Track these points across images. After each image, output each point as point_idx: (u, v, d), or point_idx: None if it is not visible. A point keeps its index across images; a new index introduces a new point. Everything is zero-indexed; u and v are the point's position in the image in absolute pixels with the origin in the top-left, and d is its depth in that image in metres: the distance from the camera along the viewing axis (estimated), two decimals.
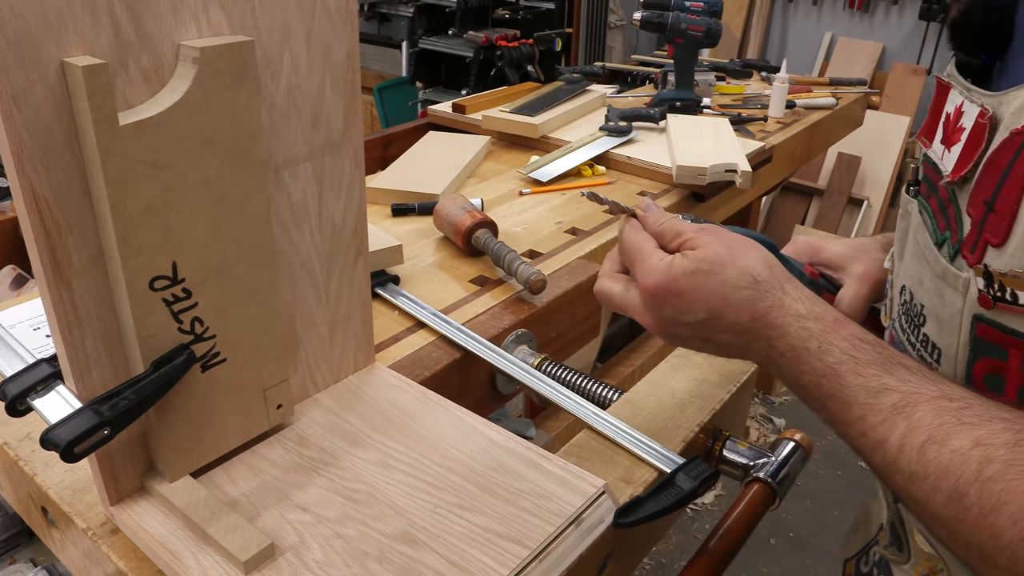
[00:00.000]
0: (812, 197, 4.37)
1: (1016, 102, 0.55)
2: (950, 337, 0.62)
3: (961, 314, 0.60)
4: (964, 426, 0.53)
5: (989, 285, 0.56)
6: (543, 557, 0.68)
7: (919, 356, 0.68)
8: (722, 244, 0.68)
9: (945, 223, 0.62)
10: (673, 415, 0.91)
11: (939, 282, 0.63)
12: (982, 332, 0.59)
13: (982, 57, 0.63)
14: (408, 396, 0.87)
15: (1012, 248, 0.54)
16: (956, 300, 0.60)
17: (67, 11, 0.55)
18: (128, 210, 0.60)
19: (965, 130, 0.60)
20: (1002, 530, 0.49)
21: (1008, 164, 0.54)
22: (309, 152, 0.76)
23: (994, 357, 0.58)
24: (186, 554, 0.67)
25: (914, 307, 0.68)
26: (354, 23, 0.75)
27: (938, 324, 0.64)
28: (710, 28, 2.01)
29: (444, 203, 1.32)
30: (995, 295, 0.56)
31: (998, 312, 0.57)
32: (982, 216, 0.57)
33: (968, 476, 0.51)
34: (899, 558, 0.79)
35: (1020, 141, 0.54)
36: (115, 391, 0.64)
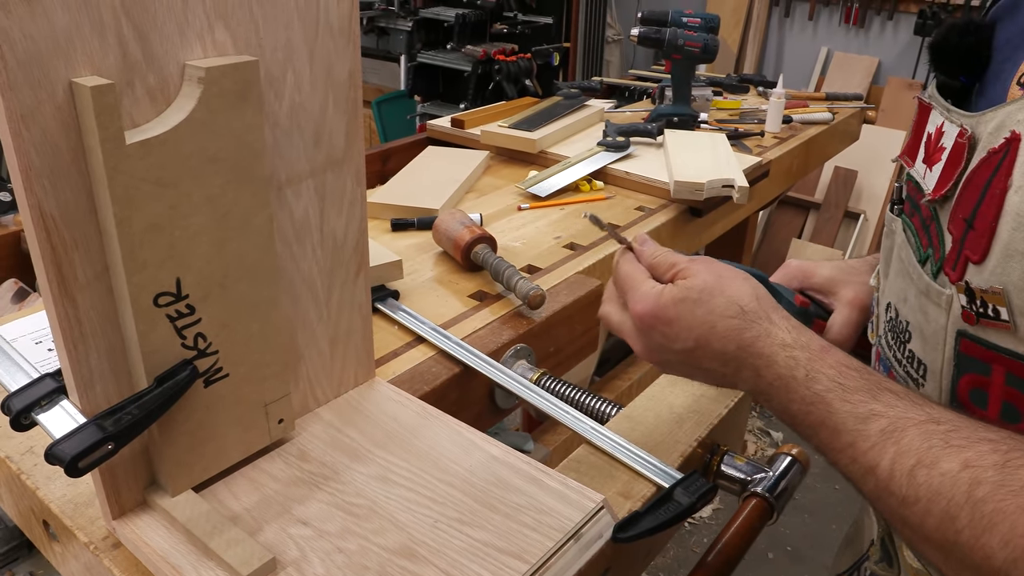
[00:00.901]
0: (809, 211, 4.38)
1: (993, 122, 0.57)
2: (935, 353, 0.63)
3: (945, 330, 0.61)
4: (952, 448, 0.53)
5: (971, 301, 0.57)
6: (543, 572, 0.68)
7: (905, 372, 0.69)
8: (712, 274, 0.70)
9: (928, 241, 0.63)
10: (671, 430, 0.92)
11: (923, 299, 0.64)
12: (966, 348, 0.60)
13: (961, 79, 0.65)
14: (408, 411, 0.88)
15: (991, 265, 0.55)
16: (940, 316, 0.61)
17: (76, 32, 0.56)
18: (133, 227, 0.61)
19: (946, 149, 0.61)
20: (994, 551, 0.49)
21: (986, 183, 0.56)
22: (311, 170, 0.77)
23: (978, 372, 0.59)
24: (188, 568, 0.68)
25: (899, 324, 0.69)
26: (356, 42, 0.76)
27: (923, 340, 0.65)
28: (707, 44, 2.02)
29: (443, 218, 1.33)
30: (978, 311, 0.57)
31: (981, 328, 0.58)
32: (962, 233, 0.58)
33: (959, 498, 0.51)
34: (889, 573, 0.80)
35: (997, 160, 0.55)
36: (119, 406, 0.64)
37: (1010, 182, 0.54)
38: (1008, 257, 0.54)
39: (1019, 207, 0.53)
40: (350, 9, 0.74)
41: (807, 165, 2.32)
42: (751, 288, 0.69)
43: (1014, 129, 0.54)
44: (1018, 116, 0.55)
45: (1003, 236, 0.54)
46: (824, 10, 4.80)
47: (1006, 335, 0.56)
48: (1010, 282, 0.54)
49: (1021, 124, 0.54)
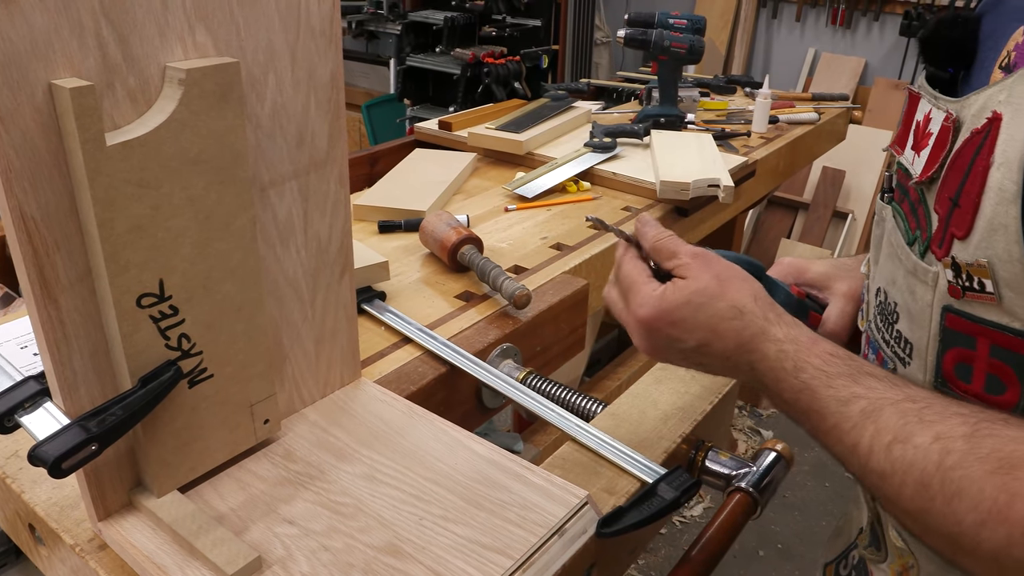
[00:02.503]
0: (798, 211, 4.40)
1: (976, 104, 0.59)
2: (921, 331, 0.66)
3: (931, 307, 0.64)
4: (925, 424, 0.57)
5: (957, 276, 0.60)
6: (527, 567, 0.69)
7: (892, 353, 0.71)
8: (713, 276, 0.73)
9: (916, 223, 0.66)
10: (656, 426, 0.92)
11: (911, 278, 0.66)
12: (951, 323, 0.62)
13: (949, 70, 0.67)
14: (394, 410, 0.88)
15: (976, 239, 0.57)
16: (926, 294, 0.64)
17: (55, 34, 0.56)
18: (115, 229, 0.61)
19: (933, 135, 0.64)
20: (963, 515, 0.52)
21: (970, 161, 0.58)
22: (294, 171, 0.77)
23: (963, 346, 0.62)
24: (174, 568, 0.68)
25: (888, 306, 0.71)
26: (338, 44, 0.77)
27: (910, 319, 0.67)
28: (693, 45, 2.03)
29: (430, 220, 1.33)
30: (964, 285, 0.59)
31: (966, 302, 0.60)
32: (948, 212, 0.61)
33: (930, 468, 0.55)
34: (877, 557, 0.82)
35: (979, 140, 0.58)
36: (103, 407, 0.64)
37: (992, 159, 0.56)
38: (992, 231, 0.56)
39: (1001, 182, 0.56)
40: (331, 11, 0.75)
41: (794, 165, 2.33)
42: (750, 289, 0.72)
43: (995, 109, 0.57)
44: (999, 97, 0.57)
45: (987, 211, 0.57)
46: (811, 11, 4.82)
47: (991, 307, 0.58)
48: (994, 255, 0.56)
49: (1001, 104, 0.56)
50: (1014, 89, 0.56)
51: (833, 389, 0.63)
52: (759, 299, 0.72)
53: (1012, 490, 0.51)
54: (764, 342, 0.69)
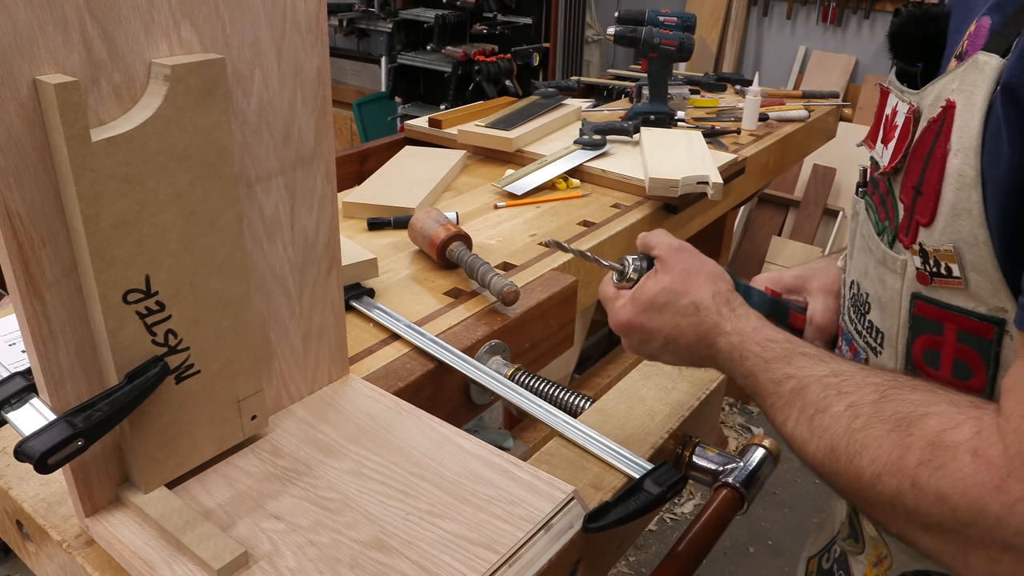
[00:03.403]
0: (788, 208, 4.41)
1: (932, 94, 0.61)
2: (891, 319, 0.68)
3: (900, 295, 0.66)
4: (843, 395, 0.62)
5: (925, 262, 0.62)
6: (513, 562, 0.69)
7: (864, 343, 0.73)
8: (680, 272, 0.80)
9: (884, 214, 0.68)
10: (643, 422, 0.93)
11: (880, 268, 0.68)
12: (920, 310, 0.64)
13: (918, 64, 0.69)
14: (382, 407, 0.88)
15: (941, 225, 0.59)
16: (895, 282, 0.66)
17: (39, 30, 0.56)
18: (101, 224, 0.61)
19: (898, 127, 0.66)
20: (863, 470, 0.58)
21: (928, 150, 0.60)
22: (281, 167, 0.77)
23: (931, 333, 0.64)
24: (160, 563, 0.68)
25: (860, 297, 0.74)
26: (324, 40, 0.77)
27: (880, 308, 0.70)
28: (682, 43, 2.04)
29: (419, 217, 1.34)
30: (931, 271, 0.61)
31: (934, 288, 0.62)
32: (912, 200, 0.63)
33: (840, 432, 0.60)
34: (855, 548, 0.84)
35: (936, 128, 0.60)
36: (89, 403, 0.65)
37: (949, 146, 0.58)
38: (956, 216, 0.58)
39: (960, 168, 0.57)
40: (317, 7, 0.75)
41: (783, 162, 2.34)
42: (710, 286, 0.78)
43: (948, 97, 0.59)
44: (952, 85, 0.59)
45: (948, 197, 0.58)
46: (802, 9, 4.83)
47: (958, 292, 0.60)
48: (960, 239, 0.58)
49: (955, 92, 0.58)
50: (965, 77, 0.58)
51: (769, 372, 0.69)
52: (717, 295, 0.77)
53: (904, 444, 0.55)
54: (717, 336, 0.75)
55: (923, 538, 0.56)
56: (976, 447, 0.51)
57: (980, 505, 0.50)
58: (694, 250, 0.84)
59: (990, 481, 0.50)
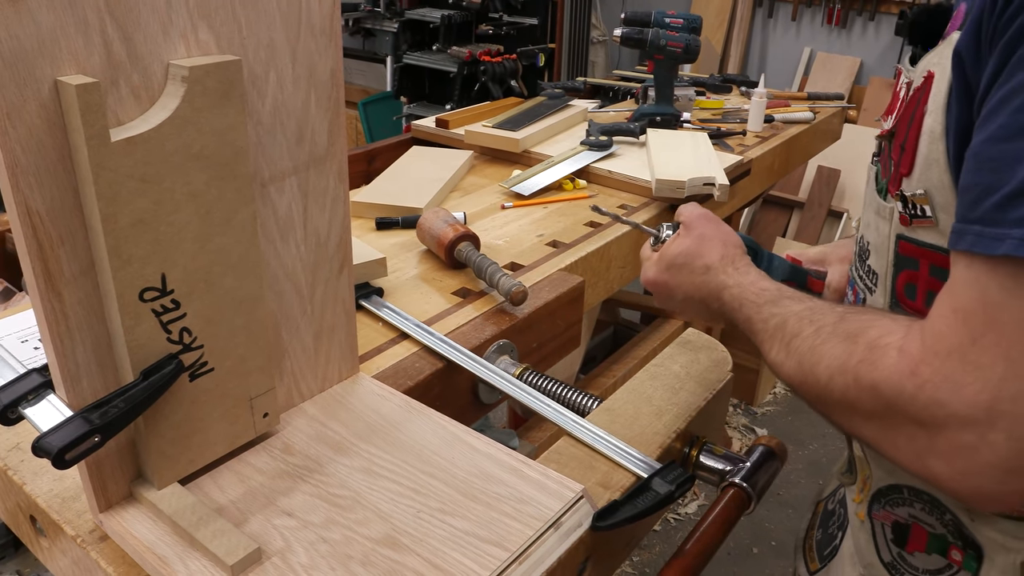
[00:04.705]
0: (793, 210, 4.41)
1: (920, 68, 0.71)
2: (882, 260, 0.77)
3: (889, 238, 0.76)
4: (812, 322, 0.72)
5: (905, 206, 0.71)
6: (523, 559, 0.70)
7: (864, 286, 0.83)
8: (696, 236, 0.94)
9: (884, 172, 0.77)
10: (650, 422, 0.93)
11: (877, 218, 0.78)
12: (902, 248, 0.74)
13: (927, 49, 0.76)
14: (392, 405, 0.89)
15: (917, 174, 0.69)
16: (885, 227, 0.76)
17: (60, 32, 0.57)
18: (119, 223, 0.62)
19: (900, 99, 0.76)
20: (821, 374, 0.67)
21: (912, 113, 0.71)
22: (294, 167, 0.78)
23: (910, 268, 0.74)
24: (174, 559, 0.69)
25: (864, 246, 0.83)
26: (338, 42, 0.78)
27: (876, 252, 0.79)
28: (689, 44, 2.04)
29: (427, 217, 1.34)
30: (911, 213, 0.71)
31: (913, 229, 0.72)
32: (899, 157, 0.72)
33: (806, 349, 0.70)
34: (849, 480, 0.92)
35: (919, 95, 0.70)
36: (105, 399, 0.65)
37: (926, 108, 0.68)
38: (928, 166, 0.68)
39: (932, 126, 0.67)
40: (331, 9, 0.76)
41: (789, 164, 2.34)
42: (720, 249, 0.91)
43: (930, 69, 0.69)
44: (933, 59, 0.69)
45: (923, 150, 0.68)
46: (807, 11, 4.83)
47: (931, 231, 0.70)
48: (931, 185, 0.68)
49: (934, 65, 0.68)
50: (943, 51, 0.67)
51: (760, 313, 0.80)
52: (724, 257, 0.90)
53: (849, 350, 0.65)
54: (722, 291, 0.87)
55: (864, 428, 0.65)
56: (902, 345, 0.61)
57: (899, 388, 0.60)
58: (714, 217, 0.98)
59: (907, 368, 0.60)
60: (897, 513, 0.82)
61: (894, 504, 0.82)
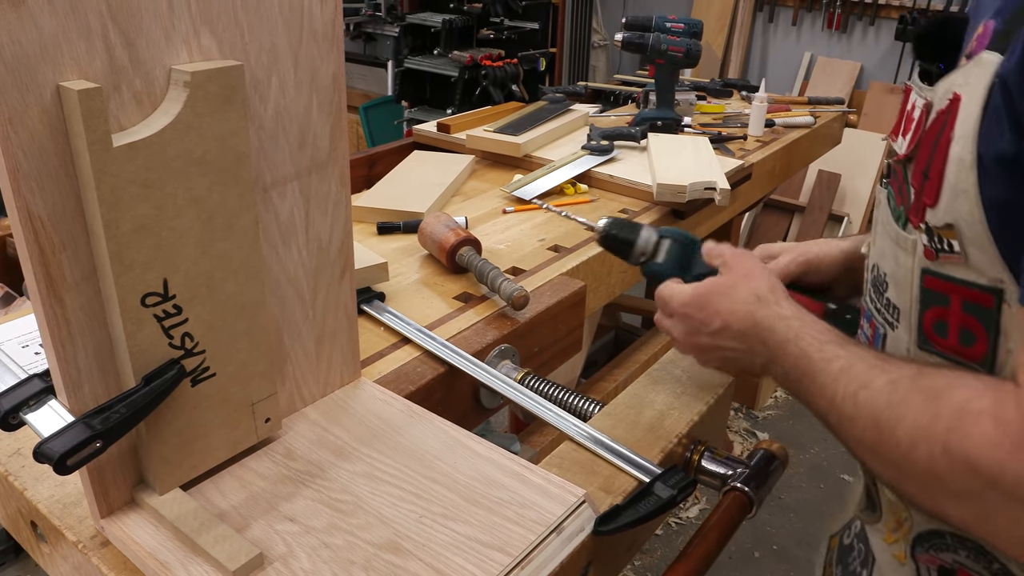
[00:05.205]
0: (793, 214, 4.42)
1: (942, 88, 0.66)
2: (905, 295, 0.73)
3: (912, 271, 0.71)
4: (885, 372, 0.67)
5: (931, 239, 0.67)
6: (525, 564, 0.69)
7: (883, 319, 0.78)
8: (741, 272, 0.89)
9: (901, 199, 0.73)
10: (652, 427, 0.93)
11: (896, 248, 0.74)
12: (929, 283, 0.70)
13: (941, 66, 0.74)
14: (393, 410, 0.89)
15: (943, 205, 0.65)
16: (908, 260, 0.71)
17: (63, 37, 0.57)
18: (120, 228, 0.62)
19: (914, 120, 0.72)
20: (902, 439, 0.62)
21: (935, 138, 0.66)
22: (296, 172, 0.78)
23: (939, 305, 0.69)
24: (176, 564, 0.69)
25: (879, 277, 0.79)
26: (340, 47, 0.78)
27: (896, 285, 0.75)
28: (690, 49, 2.04)
29: (428, 221, 1.34)
30: (936, 247, 0.67)
31: (940, 263, 0.67)
32: (920, 184, 0.68)
33: (881, 404, 0.65)
34: (872, 518, 0.86)
35: (943, 119, 0.65)
36: (107, 405, 0.65)
37: (952, 134, 0.64)
38: (955, 197, 0.63)
39: (960, 153, 0.62)
40: (333, 14, 0.76)
41: (789, 168, 2.34)
42: (768, 282, 0.86)
43: (955, 91, 0.64)
44: (959, 80, 0.64)
45: (951, 179, 0.64)
46: (807, 15, 4.84)
47: (960, 266, 0.65)
48: (959, 217, 0.63)
49: (961, 87, 0.64)
50: (970, 73, 0.63)
51: (822, 352, 0.74)
52: (775, 290, 0.85)
53: (934, 412, 0.60)
54: (775, 320, 0.81)
55: (954, 508, 0.59)
56: (997, 414, 0.56)
57: (1000, 466, 0.54)
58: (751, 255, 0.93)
59: (1009, 443, 0.54)
60: (942, 558, 0.76)
61: (938, 549, 0.77)
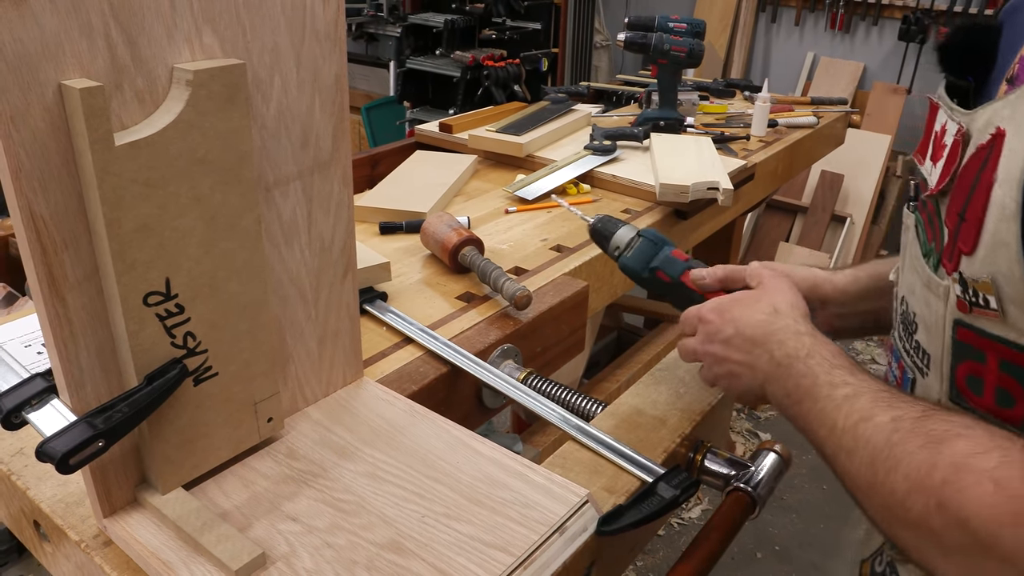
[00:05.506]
0: (796, 214, 4.41)
1: (982, 119, 0.59)
2: (936, 342, 0.67)
3: (944, 320, 0.65)
4: (891, 407, 0.62)
5: (965, 291, 0.61)
6: (528, 564, 0.69)
7: (912, 362, 0.73)
8: (767, 287, 0.88)
9: (932, 235, 0.67)
10: (655, 426, 0.93)
11: (926, 291, 0.68)
12: (962, 336, 0.63)
13: (968, 79, 0.67)
14: (396, 409, 0.89)
15: (981, 256, 0.58)
16: (939, 307, 0.65)
17: (64, 35, 0.57)
18: (123, 228, 0.62)
19: (947, 147, 0.64)
20: (897, 485, 0.58)
21: (975, 177, 0.58)
22: (299, 171, 0.78)
23: (974, 360, 0.63)
24: (178, 564, 0.69)
25: (908, 315, 0.74)
26: (342, 46, 0.78)
27: (927, 330, 0.69)
28: (692, 49, 2.04)
29: (431, 221, 1.34)
30: (971, 300, 0.60)
31: (974, 316, 0.61)
32: (956, 227, 0.61)
33: (880, 443, 0.60)
34: (902, 556, 0.82)
35: (984, 155, 0.58)
36: (109, 404, 0.65)
37: (995, 175, 0.56)
38: (995, 248, 0.57)
39: (1003, 200, 0.56)
40: (336, 13, 0.76)
41: (792, 168, 2.34)
42: (790, 297, 0.85)
43: (999, 125, 0.57)
44: (1003, 112, 0.57)
45: (990, 227, 0.57)
46: (810, 16, 4.83)
47: (996, 323, 0.59)
48: (998, 272, 0.57)
49: (1005, 120, 0.56)
50: (1017, 106, 0.56)
51: (830, 376, 0.70)
52: (795, 306, 0.83)
53: (932, 461, 0.56)
54: (787, 333, 0.78)
55: (942, 564, 0.56)
56: (999, 477, 0.52)
57: (997, 535, 0.51)
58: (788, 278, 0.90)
59: (1009, 512, 0.51)
60: None
61: None
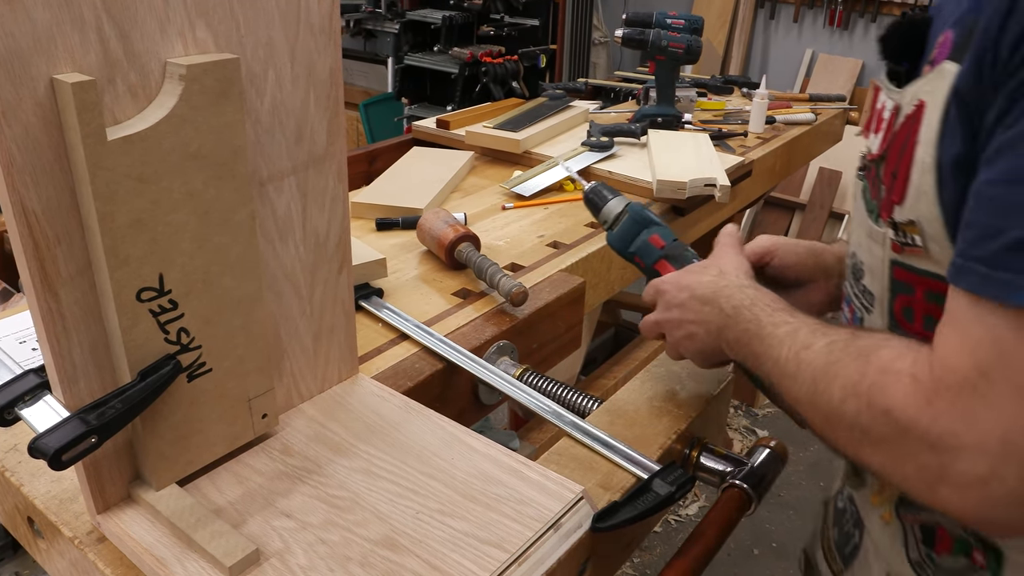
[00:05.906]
0: (794, 211, 4.41)
1: (910, 93, 0.71)
2: (878, 283, 0.78)
3: (883, 262, 0.76)
4: (825, 335, 0.72)
5: (897, 234, 0.72)
6: (522, 561, 0.69)
7: (860, 304, 0.83)
8: (711, 257, 0.97)
9: (875, 194, 0.78)
10: (651, 423, 0.93)
11: (869, 240, 0.78)
12: (897, 274, 0.75)
13: (904, 64, 0.78)
14: (391, 406, 0.89)
15: (908, 204, 0.70)
16: (879, 251, 0.77)
17: (56, 29, 0.56)
18: (116, 223, 0.62)
19: (884, 120, 0.76)
20: (834, 394, 0.67)
21: (903, 141, 0.71)
22: (293, 166, 0.78)
23: (906, 293, 0.75)
24: (172, 560, 0.69)
25: (857, 264, 0.83)
26: (337, 41, 0.77)
27: (871, 274, 0.79)
28: (690, 45, 2.04)
29: (427, 217, 1.34)
30: (902, 241, 0.72)
31: (905, 255, 0.73)
32: (890, 183, 0.73)
33: (819, 364, 0.70)
34: (857, 483, 0.91)
35: (911, 123, 0.70)
36: (102, 400, 0.65)
37: (917, 138, 0.68)
38: (918, 196, 0.68)
39: (923, 157, 0.68)
40: (331, 8, 0.75)
41: (790, 165, 2.34)
42: (735, 260, 0.94)
43: (921, 98, 0.69)
44: (925, 88, 0.69)
45: (915, 180, 0.69)
46: (808, 12, 4.83)
47: (922, 259, 0.71)
48: (921, 215, 0.69)
49: (927, 94, 0.68)
50: (935, 82, 0.67)
51: (772, 318, 0.80)
52: (739, 267, 0.93)
53: (862, 371, 0.66)
54: (734, 289, 0.87)
55: (873, 455, 0.66)
56: (915, 372, 0.62)
57: (914, 417, 0.61)
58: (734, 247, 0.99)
59: (923, 398, 0.61)
60: (923, 517, 0.82)
61: (918, 509, 0.82)
